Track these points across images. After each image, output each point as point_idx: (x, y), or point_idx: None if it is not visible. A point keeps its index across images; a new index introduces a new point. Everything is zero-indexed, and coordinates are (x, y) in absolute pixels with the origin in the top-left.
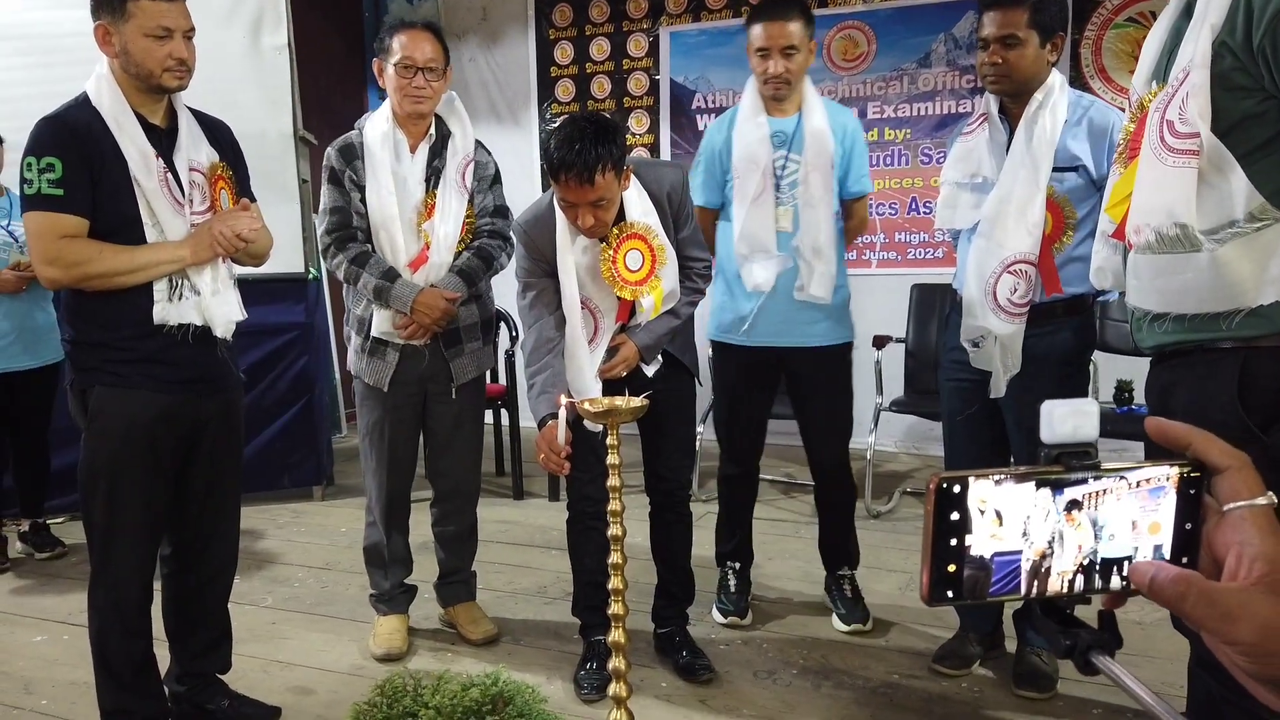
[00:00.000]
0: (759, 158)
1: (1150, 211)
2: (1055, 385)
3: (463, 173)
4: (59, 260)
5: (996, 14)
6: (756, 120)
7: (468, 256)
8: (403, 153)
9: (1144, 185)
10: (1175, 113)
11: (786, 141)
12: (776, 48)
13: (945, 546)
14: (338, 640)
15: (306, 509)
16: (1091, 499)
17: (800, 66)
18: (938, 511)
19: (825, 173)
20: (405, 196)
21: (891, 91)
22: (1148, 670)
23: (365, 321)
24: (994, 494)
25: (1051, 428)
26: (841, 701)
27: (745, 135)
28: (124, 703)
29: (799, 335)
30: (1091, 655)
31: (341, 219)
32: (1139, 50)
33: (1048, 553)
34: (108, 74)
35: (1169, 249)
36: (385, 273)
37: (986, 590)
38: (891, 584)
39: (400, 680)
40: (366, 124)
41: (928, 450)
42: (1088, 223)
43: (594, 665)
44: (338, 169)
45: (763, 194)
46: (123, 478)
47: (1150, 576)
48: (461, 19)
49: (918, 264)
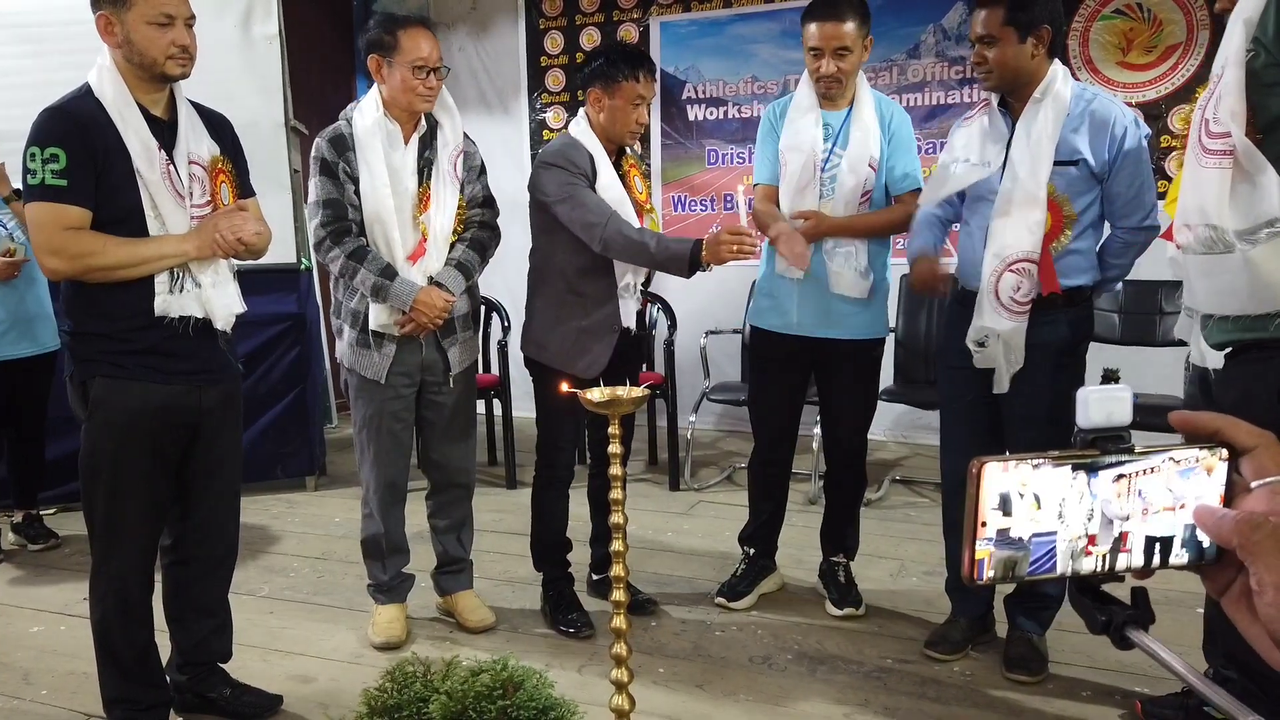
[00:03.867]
0: (804, 147)
1: (1189, 212)
2: (1053, 375)
3: (454, 163)
4: (63, 251)
5: (978, 13)
6: (810, 113)
7: (463, 250)
8: (396, 144)
9: (1185, 185)
10: (1212, 111)
11: (833, 135)
12: (829, 48)
13: (986, 529)
14: (336, 629)
15: (300, 499)
16: (1125, 481)
17: (854, 65)
18: (980, 494)
19: (860, 172)
20: (400, 188)
21: (881, 82)
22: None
23: (360, 315)
24: (1032, 477)
25: (1087, 413)
26: (836, 686)
27: (796, 125)
28: (126, 692)
29: (834, 326)
30: (1126, 630)
31: (336, 211)
32: (1126, 42)
33: (1082, 534)
34: (110, 65)
35: (1207, 249)
36: (384, 270)
37: (1025, 570)
38: (883, 570)
39: (410, 666)
40: (355, 114)
41: (917, 439)
42: (1086, 217)
43: (574, 614)
44: (330, 160)
45: (808, 186)
46: (124, 468)
47: (1219, 514)
48: (451, 8)
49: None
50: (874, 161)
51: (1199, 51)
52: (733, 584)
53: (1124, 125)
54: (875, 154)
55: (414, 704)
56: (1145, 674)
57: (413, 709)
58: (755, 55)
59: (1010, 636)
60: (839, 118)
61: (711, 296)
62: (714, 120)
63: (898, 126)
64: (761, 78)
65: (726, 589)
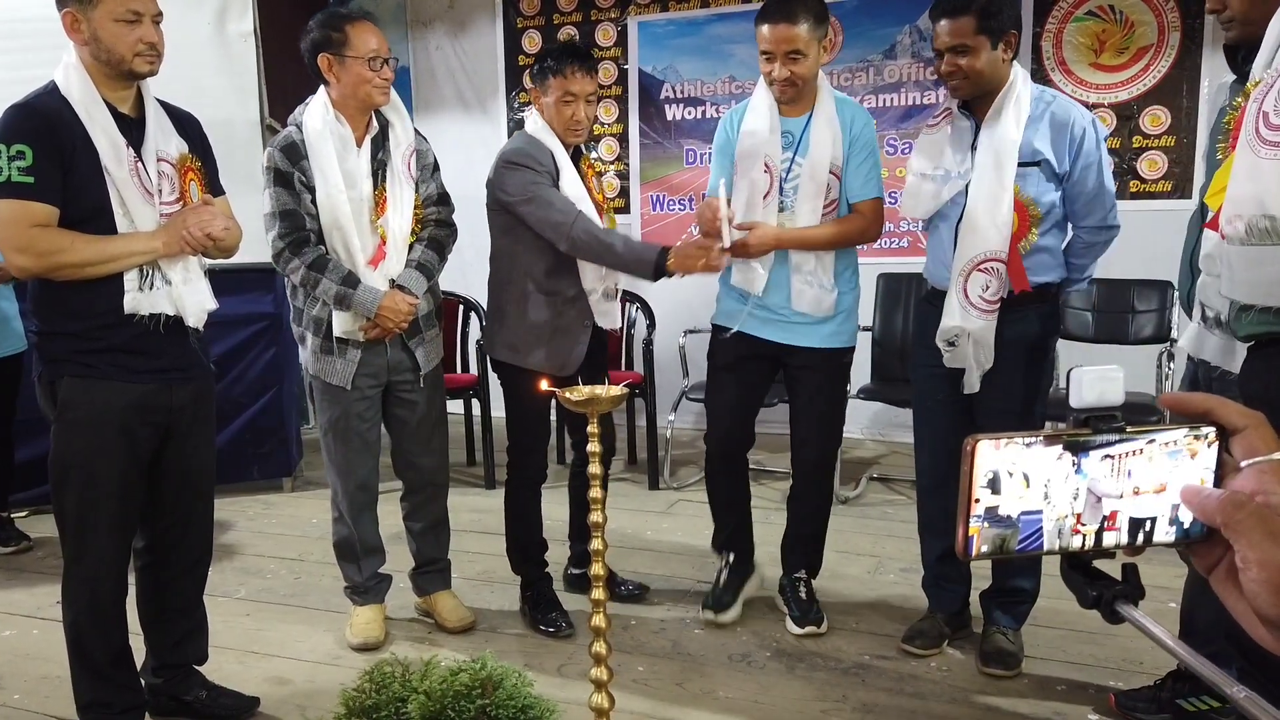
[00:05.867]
0: (761, 155)
1: (1242, 202)
2: (1023, 371)
3: (408, 162)
4: (30, 249)
5: (946, 24)
6: (766, 119)
7: (422, 250)
8: (349, 147)
9: (1238, 176)
10: (1271, 104)
11: (794, 143)
12: (780, 52)
13: (978, 505)
14: (313, 631)
15: (276, 500)
16: (1115, 461)
17: (809, 69)
18: (975, 472)
19: (821, 180)
20: (356, 193)
21: (858, 83)
22: (1124, 642)
23: (323, 322)
24: (1023, 456)
25: (1080, 393)
26: (815, 683)
27: (753, 133)
28: (100, 695)
29: (801, 334)
30: (1117, 605)
31: (294, 222)
32: (1099, 43)
33: (1069, 513)
34: (76, 62)
35: (1258, 240)
36: (345, 278)
37: (1014, 547)
38: (861, 568)
39: (388, 666)
40: (304, 118)
41: (894, 437)
42: (1051, 216)
43: (554, 614)
44: (284, 170)
45: (768, 197)
46: (95, 468)
47: (1204, 494)
48: (428, 6)
49: (884, 253)
50: (836, 168)
51: (1170, 53)
52: (718, 595)
53: (1083, 126)
54: (838, 160)
55: (392, 704)
56: (1120, 668)
57: (391, 709)
58: (733, 55)
59: (986, 632)
60: (799, 124)
61: (690, 295)
62: (692, 120)
63: (859, 130)
64: (739, 77)
65: (712, 601)
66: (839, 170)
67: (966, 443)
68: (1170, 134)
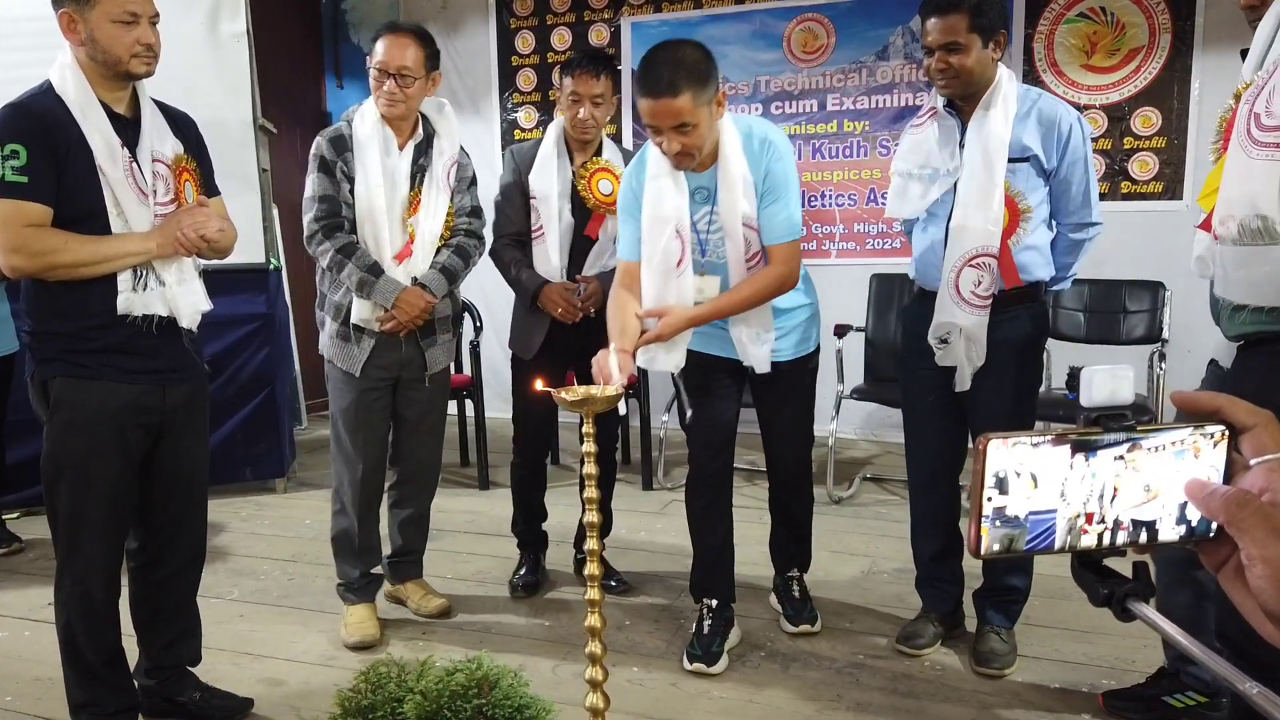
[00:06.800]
0: (669, 217)
1: (1235, 203)
2: (1014, 371)
3: (448, 172)
4: (24, 249)
5: (938, 21)
6: (669, 178)
7: (449, 255)
8: (391, 148)
9: (1230, 177)
10: (1263, 105)
11: (709, 197)
12: (666, 127)
13: (990, 504)
14: (307, 631)
15: (269, 501)
16: (1126, 460)
17: (703, 136)
18: (986, 471)
19: (737, 235)
20: (393, 191)
21: (850, 83)
22: (1116, 641)
23: (343, 308)
24: (1031, 456)
25: (1090, 392)
26: (809, 682)
27: (659, 192)
28: (93, 697)
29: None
30: (1128, 602)
31: (331, 207)
32: (1090, 45)
33: (1081, 512)
34: (72, 62)
35: (1250, 241)
36: (370, 267)
37: (1023, 546)
38: (855, 568)
39: (384, 667)
40: (355, 117)
41: (886, 437)
42: (1039, 212)
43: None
44: (329, 159)
45: (682, 261)
46: (88, 469)
47: (1209, 490)
48: (421, 7)
49: (876, 254)
50: (750, 220)
51: (1160, 54)
52: (706, 645)
53: (1069, 123)
54: (751, 212)
55: (388, 704)
56: (1111, 667)
57: (387, 709)
58: (726, 56)
59: (980, 631)
60: (709, 177)
61: None
62: None
63: (770, 166)
64: (732, 79)
65: (701, 652)
66: (754, 222)
67: (979, 441)
68: (1161, 135)
